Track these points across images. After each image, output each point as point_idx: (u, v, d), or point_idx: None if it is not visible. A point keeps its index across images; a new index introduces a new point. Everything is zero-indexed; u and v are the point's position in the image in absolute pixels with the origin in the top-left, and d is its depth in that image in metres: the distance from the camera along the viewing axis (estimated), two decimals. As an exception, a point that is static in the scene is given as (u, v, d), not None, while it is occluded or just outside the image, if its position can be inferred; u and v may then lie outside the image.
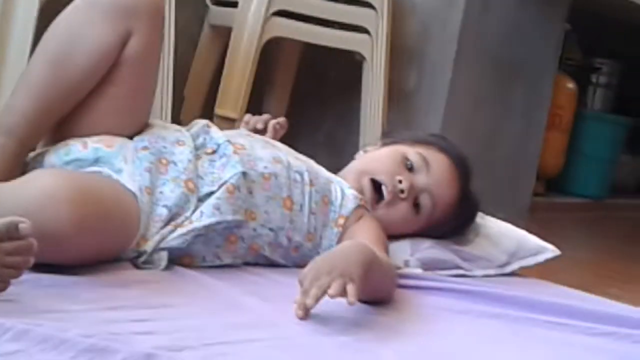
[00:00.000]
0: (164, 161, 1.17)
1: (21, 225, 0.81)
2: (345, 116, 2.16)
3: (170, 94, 1.77)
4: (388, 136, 1.46)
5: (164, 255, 1.10)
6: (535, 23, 2.35)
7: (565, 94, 2.86)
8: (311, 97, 2.33)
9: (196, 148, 1.20)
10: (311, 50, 2.17)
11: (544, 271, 1.51)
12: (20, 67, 1.52)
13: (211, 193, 1.15)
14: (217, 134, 1.23)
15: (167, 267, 1.10)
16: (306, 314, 0.91)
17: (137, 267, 1.09)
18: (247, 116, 1.39)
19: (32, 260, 0.84)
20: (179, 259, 1.14)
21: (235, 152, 1.18)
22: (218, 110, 1.87)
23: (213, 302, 0.97)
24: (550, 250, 1.41)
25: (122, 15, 1.18)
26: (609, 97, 3.34)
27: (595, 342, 1.08)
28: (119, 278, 1.00)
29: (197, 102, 2.08)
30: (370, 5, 1.92)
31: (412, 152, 1.29)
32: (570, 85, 2.93)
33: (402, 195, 1.24)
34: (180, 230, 1.12)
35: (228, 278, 1.13)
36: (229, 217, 1.15)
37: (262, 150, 1.23)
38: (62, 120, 1.18)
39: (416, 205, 1.28)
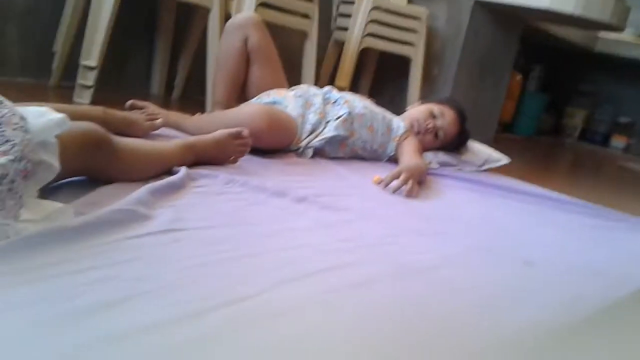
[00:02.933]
0: (309, 103, 1.64)
1: (244, 132, 1.28)
2: (402, 90, 2.88)
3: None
4: (425, 99, 1.98)
5: (310, 151, 1.60)
6: (502, 43, 3.18)
7: (515, 81, 3.94)
8: (384, 79, 3.11)
9: (325, 99, 1.69)
10: (384, 54, 2.95)
11: (500, 170, 2.03)
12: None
13: (332, 121, 1.63)
14: (336, 93, 1.71)
15: (312, 157, 1.60)
16: (384, 186, 1.37)
17: (297, 155, 1.57)
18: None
19: (248, 149, 1.29)
20: (318, 152, 1.63)
21: (345, 102, 1.68)
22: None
23: (332, 174, 1.46)
24: (506, 159, 1.99)
25: (240, 28, 1.67)
26: (538, 84, 4.59)
27: (546, 205, 1.59)
28: (289, 160, 1.50)
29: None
30: (415, 31, 2.79)
31: (436, 108, 1.84)
32: (519, 77, 4.03)
33: (429, 131, 1.82)
34: (318, 138, 1.60)
35: (341, 164, 1.61)
36: (342, 133, 1.63)
37: (359, 102, 1.72)
38: (241, 90, 1.70)
39: (436, 135, 1.85)
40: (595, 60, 4.89)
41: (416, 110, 1.86)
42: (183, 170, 1.06)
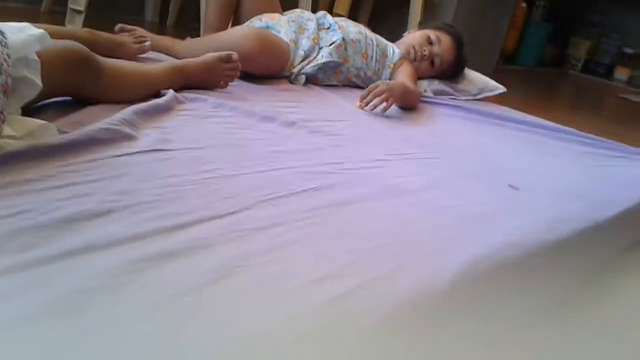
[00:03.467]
0: (302, 28, 1.61)
1: (234, 56, 1.26)
2: (402, 19, 2.78)
3: None
4: (422, 25, 1.93)
5: (303, 77, 1.58)
6: None
7: (520, 9, 3.89)
8: (384, 8, 3.03)
9: (319, 25, 1.65)
10: None
11: (497, 100, 2.02)
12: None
13: (326, 47, 1.60)
14: (330, 19, 1.68)
15: (305, 84, 1.58)
16: (363, 107, 1.39)
17: (290, 82, 1.56)
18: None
19: (238, 74, 1.28)
20: (311, 80, 1.61)
21: (339, 28, 1.65)
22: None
23: (325, 101, 1.46)
24: (502, 88, 1.96)
25: None
26: (542, 13, 4.45)
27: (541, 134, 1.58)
28: (281, 87, 1.48)
29: None
30: None
31: (433, 34, 1.79)
32: (523, 5, 3.95)
33: (425, 58, 1.78)
34: (311, 64, 1.58)
35: (334, 91, 1.60)
36: (336, 59, 1.61)
37: (353, 28, 1.70)
38: (234, 15, 1.67)
39: (432, 63, 1.81)
40: (604, -12, 4.75)
41: (412, 36, 1.84)
42: (171, 92, 1.06)
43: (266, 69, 1.49)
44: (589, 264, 0.87)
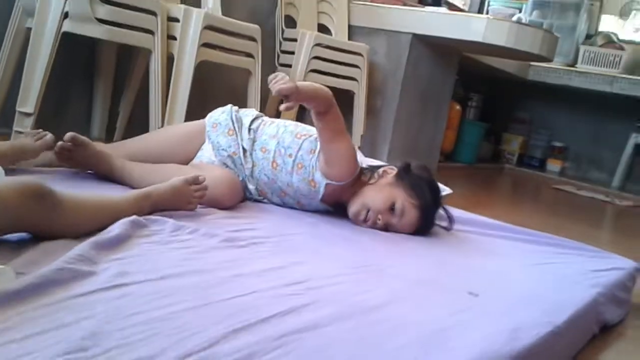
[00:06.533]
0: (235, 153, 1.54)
1: (200, 177, 1.28)
2: (347, 123, 2.68)
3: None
4: (405, 170, 1.51)
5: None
6: (440, 75, 3.31)
7: (454, 111, 4.12)
8: None
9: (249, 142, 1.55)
10: (330, 90, 2.84)
11: (444, 201, 1.70)
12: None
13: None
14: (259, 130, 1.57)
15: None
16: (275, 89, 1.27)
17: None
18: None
19: (205, 195, 1.28)
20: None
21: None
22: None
23: (279, 213, 1.48)
24: (447, 190, 1.76)
25: None
26: (476, 113, 4.83)
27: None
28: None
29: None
30: (357, 67, 2.87)
31: (400, 202, 1.46)
32: (457, 107, 4.22)
33: (374, 225, 1.48)
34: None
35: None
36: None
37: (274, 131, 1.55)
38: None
39: (385, 229, 1.49)
40: (529, 88, 5.14)
41: (377, 194, 1.49)
42: (130, 218, 1.04)
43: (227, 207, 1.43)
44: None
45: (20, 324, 0.65)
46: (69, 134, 1.36)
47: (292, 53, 2.80)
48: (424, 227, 1.51)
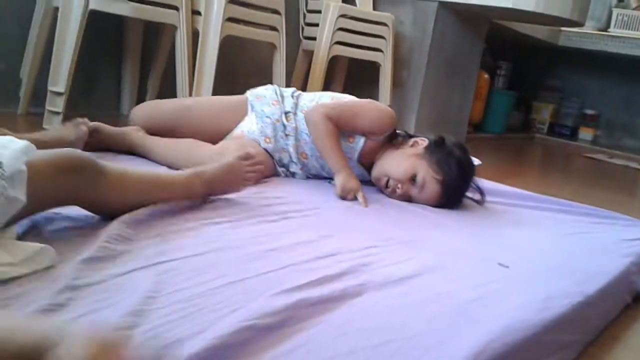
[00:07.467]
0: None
1: (252, 151, 1.28)
2: (373, 95, 2.82)
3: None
4: (436, 144, 1.49)
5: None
6: (468, 44, 3.26)
7: (483, 80, 4.02)
8: (355, 86, 3.07)
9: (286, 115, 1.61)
10: (353, 61, 3.02)
11: None
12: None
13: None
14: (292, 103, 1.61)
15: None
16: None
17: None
18: None
19: (262, 170, 1.31)
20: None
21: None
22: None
23: (309, 183, 1.53)
24: (477, 161, 1.66)
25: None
26: (505, 81, 4.70)
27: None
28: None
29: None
30: (383, 37, 2.85)
31: (422, 173, 1.45)
32: (486, 76, 4.11)
33: (394, 194, 1.49)
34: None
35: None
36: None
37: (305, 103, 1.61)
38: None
39: (408, 199, 1.49)
40: (560, 55, 5.02)
41: (400, 163, 1.49)
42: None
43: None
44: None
45: (66, 302, 0.67)
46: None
47: (316, 25, 2.77)
48: (447, 202, 1.48)
